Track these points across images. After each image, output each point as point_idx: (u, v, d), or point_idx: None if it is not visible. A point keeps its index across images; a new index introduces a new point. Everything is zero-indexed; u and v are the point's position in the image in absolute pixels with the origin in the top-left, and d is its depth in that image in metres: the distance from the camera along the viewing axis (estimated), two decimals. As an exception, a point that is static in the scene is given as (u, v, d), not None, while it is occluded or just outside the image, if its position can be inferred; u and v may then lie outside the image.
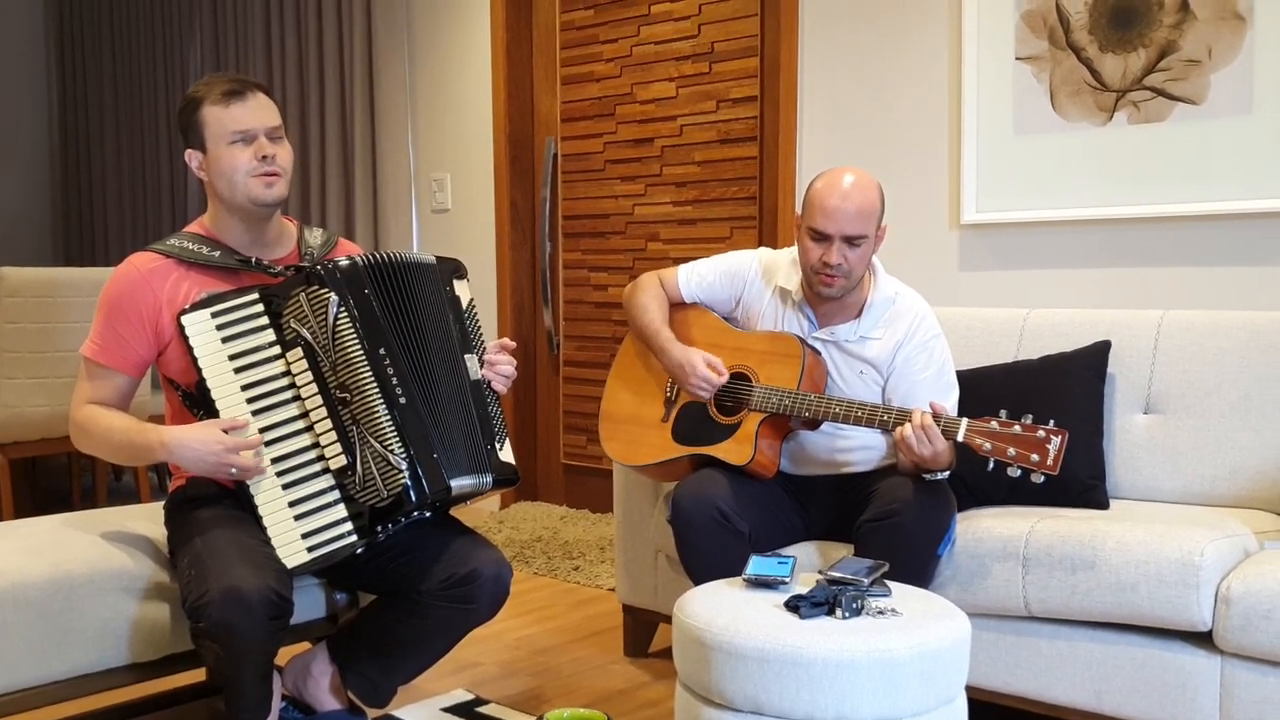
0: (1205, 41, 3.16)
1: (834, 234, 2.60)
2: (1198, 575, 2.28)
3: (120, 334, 2.38)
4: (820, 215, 2.61)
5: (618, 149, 4.72)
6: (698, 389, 2.73)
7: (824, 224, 2.60)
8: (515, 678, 3.11)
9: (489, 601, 2.41)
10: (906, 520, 2.46)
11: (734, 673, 2.03)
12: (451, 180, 5.22)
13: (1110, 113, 3.34)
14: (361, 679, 2.49)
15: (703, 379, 2.71)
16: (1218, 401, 2.81)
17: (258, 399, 2.33)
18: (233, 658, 2.14)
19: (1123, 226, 3.36)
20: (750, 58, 4.27)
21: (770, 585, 2.23)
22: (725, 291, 2.89)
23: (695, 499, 2.58)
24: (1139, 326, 2.96)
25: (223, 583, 2.10)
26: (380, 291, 2.40)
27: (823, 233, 2.61)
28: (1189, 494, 2.82)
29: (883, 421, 2.52)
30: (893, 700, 1.98)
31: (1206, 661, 2.32)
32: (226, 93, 2.38)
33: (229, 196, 2.40)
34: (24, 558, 2.28)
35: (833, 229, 2.60)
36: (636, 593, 3.22)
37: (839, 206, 2.59)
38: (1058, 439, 2.34)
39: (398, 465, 2.29)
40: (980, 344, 3.13)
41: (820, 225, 2.61)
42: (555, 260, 5.01)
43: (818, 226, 2.61)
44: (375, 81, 5.40)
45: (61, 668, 2.25)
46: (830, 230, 2.60)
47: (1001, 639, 2.54)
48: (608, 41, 4.71)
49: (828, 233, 2.60)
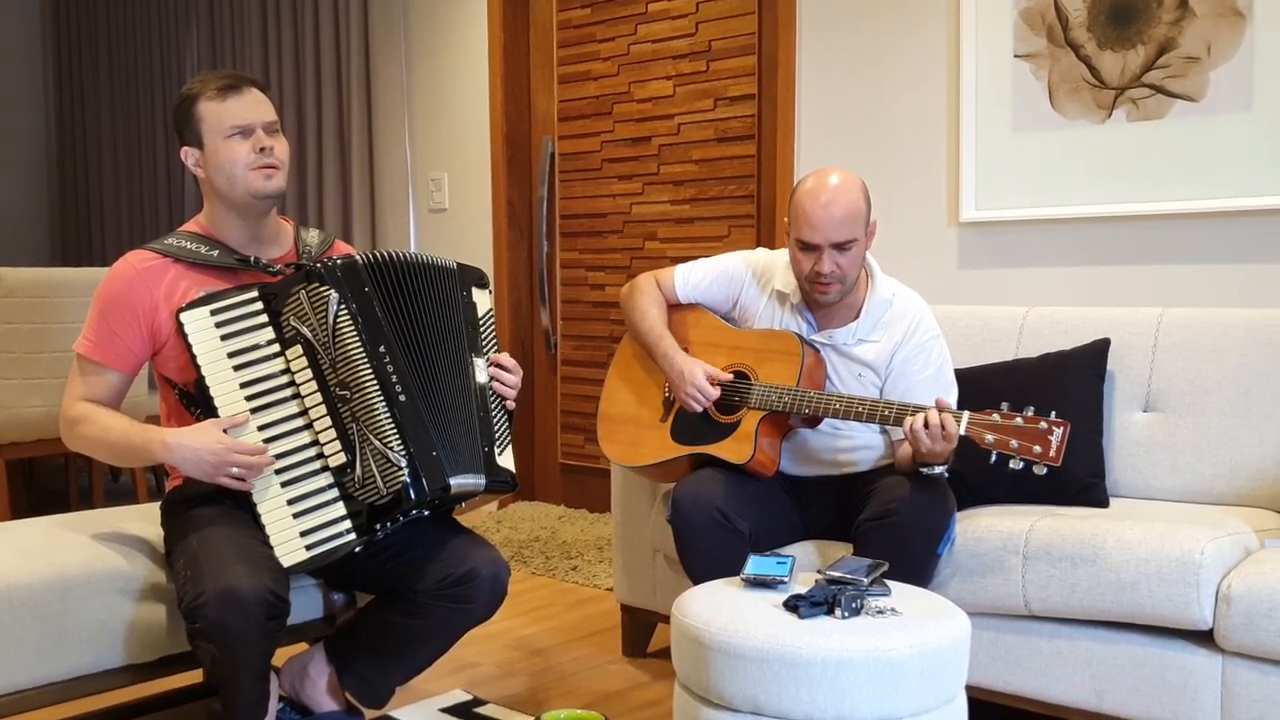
0: (1204, 38, 3.15)
1: (822, 243, 2.58)
2: (1198, 574, 2.27)
3: (115, 331, 2.37)
4: (806, 226, 2.59)
5: (615, 148, 4.71)
6: (691, 399, 2.71)
7: (810, 235, 2.58)
8: (513, 678, 3.11)
9: (487, 601, 2.40)
10: (906, 519, 2.45)
11: (733, 673, 2.02)
12: (449, 180, 5.22)
13: (1109, 110, 3.33)
14: (359, 679, 2.49)
15: (697, 391, 2.70)
16: (1217, 399, 2.81)
17: (257, 397, 2.32)
18: (229, 658, 2.13)
19: (1121, 224, 3.36)
20: (748, 56, 4.27)
21: (769, 585, 2.22)
22: (722, 292, 2.88)
23: (695, 498, 2.57)
24: (1138, 324, 2.95)
25: (219, 583, 2.09)
26: (380, 289, 2.39)
27: (810, 243, 2.59)
28: (1189, 492, 2.81)
29: (883, 417, 2.51)
30: (892, 700, 1.97)
31: (1207, 660, 2.31)
32: (222, 88, 2.38)
33: (228, 191, 2.39)
34: (20, 559, 2.27)
35: (820, 239, 2.58)
36: (635, 592, 3.21)
37: (824, 216, 2.57)
38: (1060, 430, 2.33)
39: (397, 463, 2.28)
40: (979, 342, 3.12)
41: (807, 236, 2.59)
42: (553, 260, 5.00)
43: (804, 238, 2.60)
44: (372, 81, 5.39)
45: (58, 669, 2.24)
46: (818, 240, 2.58)
47: (1001, 638, 2.54)
48: (605, 40, 4.70)
49: (815, 243, 2.58)
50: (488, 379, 2.51)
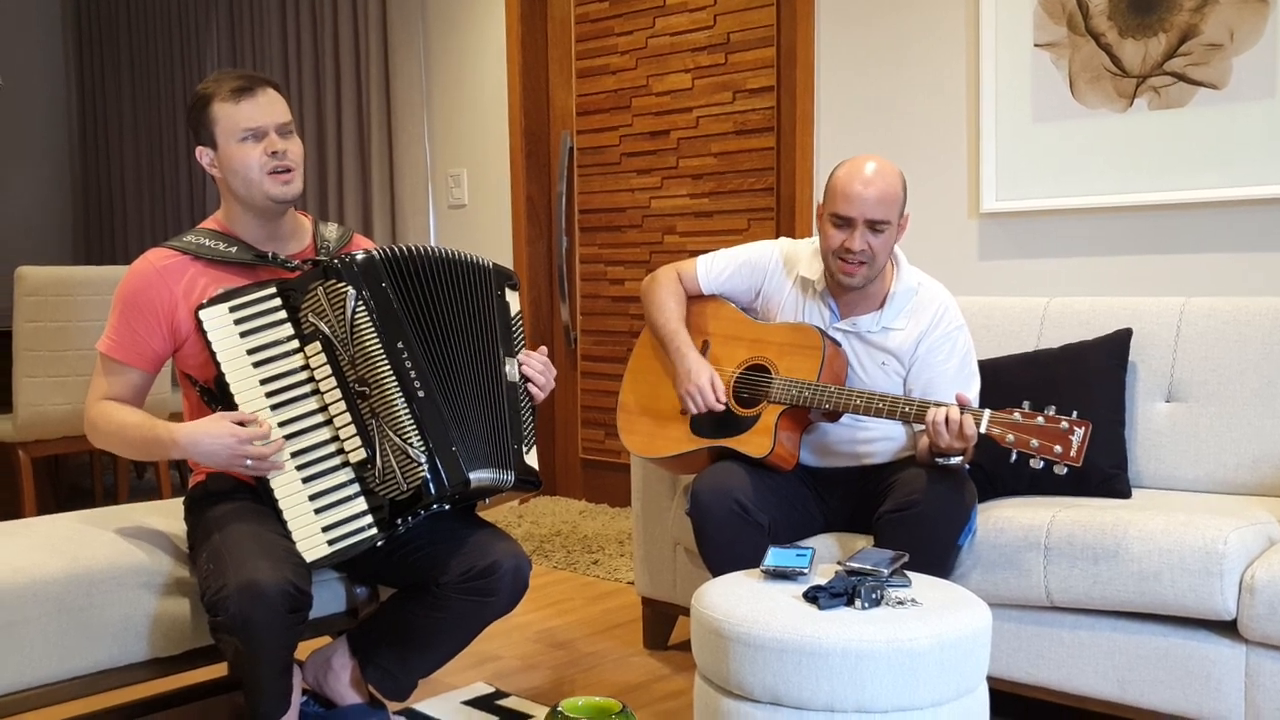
0: (1227, 25, 3.13)
1: (857, 218, 2.58)
2: (1221, 564, 2.26)
3: (135, 330, 2.38)
4: (843, 200, 2.60)
5: (634, 142, 4.71)
6: (687, 396, 2.71)
7: (846, 208, 2.59)
8: (535, 671, 3.11)
9: (508, 594, 2.40)
10: (927, 511, 2.44)
11: (752, 664, 2.02)
12: (468, 176, 5.22)
13: (1130, 99, 3.31)
14: (382, 672, 2.50)
15: (699, 389, 2.69)
16: (1240, 389, 2.79)
17: (277, 393, 2.33)
18: (251, 651, 2.15)
19: (1143, 213, 3.34)
20: (766, 48, 4.26)
21: (789, 576, 2.22)
22: (745, 283, 2.88)
23: (714, 491, 2.57)
24: (1161, 314, 2.93)
25: (241, 576, 2.10)
26: (398, 285, 2.40)
27: (845, 217, 2.60)
28: (1212, 482, 2.80)
29: (904, 413, 2.50)
30: (912, 690, 1.97)
31: (1231, 651, 2.30)
32: (236, 89, 2.38)
33: (246, 195, 2.40)
34: (45, 554, 2.29)
35: (855, 213, 2.58)
36: (655, 585, 3.21)
37: (861, 191, 2.58)
38: (1081, 430, 2.31)
39: (416, 458, 2.29)
40: (1000, 334, 3.11)
41: (843, 210, 2.60)
42: (572, 255, 5.01)
43: (840, 211, 2.60)
44: (391, 78, 5.40)
45: (82, 663, 2.26)
46: (853, 214, 2.59)
47: (1023, 629, 2.53)
48: (623, 34, 4.70)
49: (850, 216, 2.59)
50: (520, 378, 2.52)
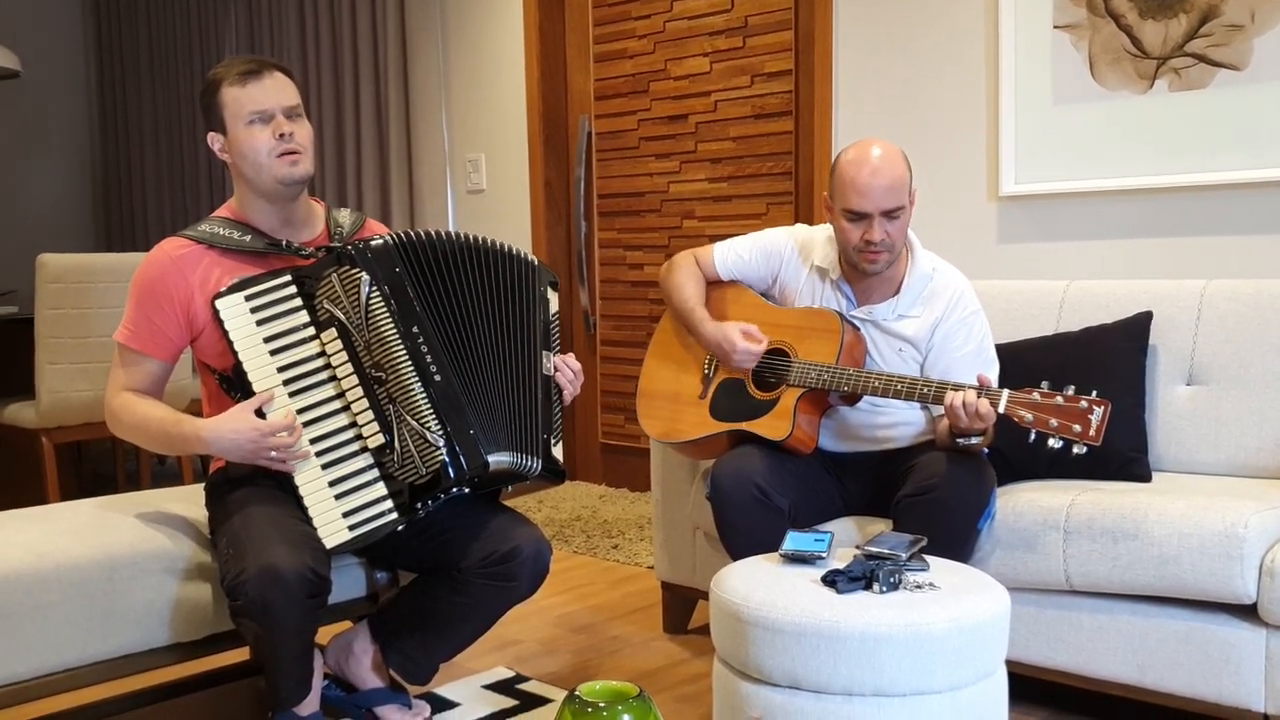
0: (1248, 5, 3.10)
1: (872, 211, 2.57)
2: (1241, 547, 2.25)
3: (152, 319, 2.39)
4: (855, 195, 2.58)
5: (652, 126, 4.71)
6: (741, 362, 2.72)
7: (860, 203, 2.58)
8: (556, 655, 3.13)
9: (529, 579, 2.41)
10: (946, 495, 2.44)
11: (771, 647, 2.03)
12: (486, 161, 5.23)
13: (1151, 80, 3.29)
14: (403, 657, 2.51)
15: (744, 351, 2.70)
16: (1261, 372, 2.77)
17: (294, 380, 2.34)
18: (270, 636, 2.16)
19: (1164, 196, 3.31)
20: (784, 31, 4.24)
21: (807, 560, 2.22)
22: (762, 269, 2.88)
23: (734, 475, 2.57)
24: (1181, 297, 2.92)
25: (260, 561, 2.11)
26: (412, 269, 2.40)
27: (860, 212, 2.58)
28: (1232, 466, 2.78)
29: (922, 394, 2.50)
30: (930, 674, 1.97)
31: (1251, 634, 2.29)
32: (243, 73, 2.39)
33: (255, 179, 2.41)
34: (68, 539, 2.31)
35: (870, 206, 2.57)
36: (675, 570, 3.22)
37: (871, 183, 2.56)
38: (1100, 410, 2.31)
39: (435, 442, 2.30)
40: (1020, 316, 3.09)
41: (856, 205, 2.58)
42: (591, 239, 5.01)
43: (853, 207, 2.59)
44: (409, 63, 5.41)
45: (105, 648, 2.28)
46: (867, 208, 2.57)
47: (1043, 613, 2.53)
48: (640, 18, 4.69)
49: (865, 211, 2.58)
50: (554, 370, 2.52)
